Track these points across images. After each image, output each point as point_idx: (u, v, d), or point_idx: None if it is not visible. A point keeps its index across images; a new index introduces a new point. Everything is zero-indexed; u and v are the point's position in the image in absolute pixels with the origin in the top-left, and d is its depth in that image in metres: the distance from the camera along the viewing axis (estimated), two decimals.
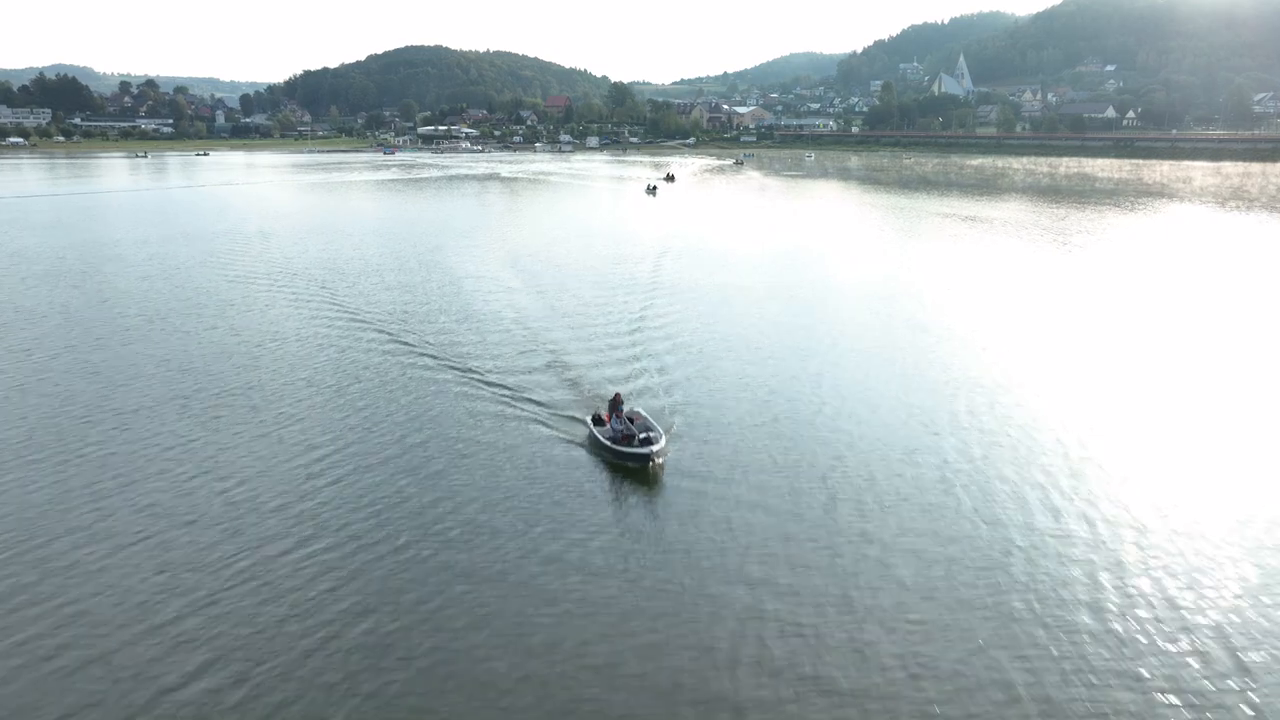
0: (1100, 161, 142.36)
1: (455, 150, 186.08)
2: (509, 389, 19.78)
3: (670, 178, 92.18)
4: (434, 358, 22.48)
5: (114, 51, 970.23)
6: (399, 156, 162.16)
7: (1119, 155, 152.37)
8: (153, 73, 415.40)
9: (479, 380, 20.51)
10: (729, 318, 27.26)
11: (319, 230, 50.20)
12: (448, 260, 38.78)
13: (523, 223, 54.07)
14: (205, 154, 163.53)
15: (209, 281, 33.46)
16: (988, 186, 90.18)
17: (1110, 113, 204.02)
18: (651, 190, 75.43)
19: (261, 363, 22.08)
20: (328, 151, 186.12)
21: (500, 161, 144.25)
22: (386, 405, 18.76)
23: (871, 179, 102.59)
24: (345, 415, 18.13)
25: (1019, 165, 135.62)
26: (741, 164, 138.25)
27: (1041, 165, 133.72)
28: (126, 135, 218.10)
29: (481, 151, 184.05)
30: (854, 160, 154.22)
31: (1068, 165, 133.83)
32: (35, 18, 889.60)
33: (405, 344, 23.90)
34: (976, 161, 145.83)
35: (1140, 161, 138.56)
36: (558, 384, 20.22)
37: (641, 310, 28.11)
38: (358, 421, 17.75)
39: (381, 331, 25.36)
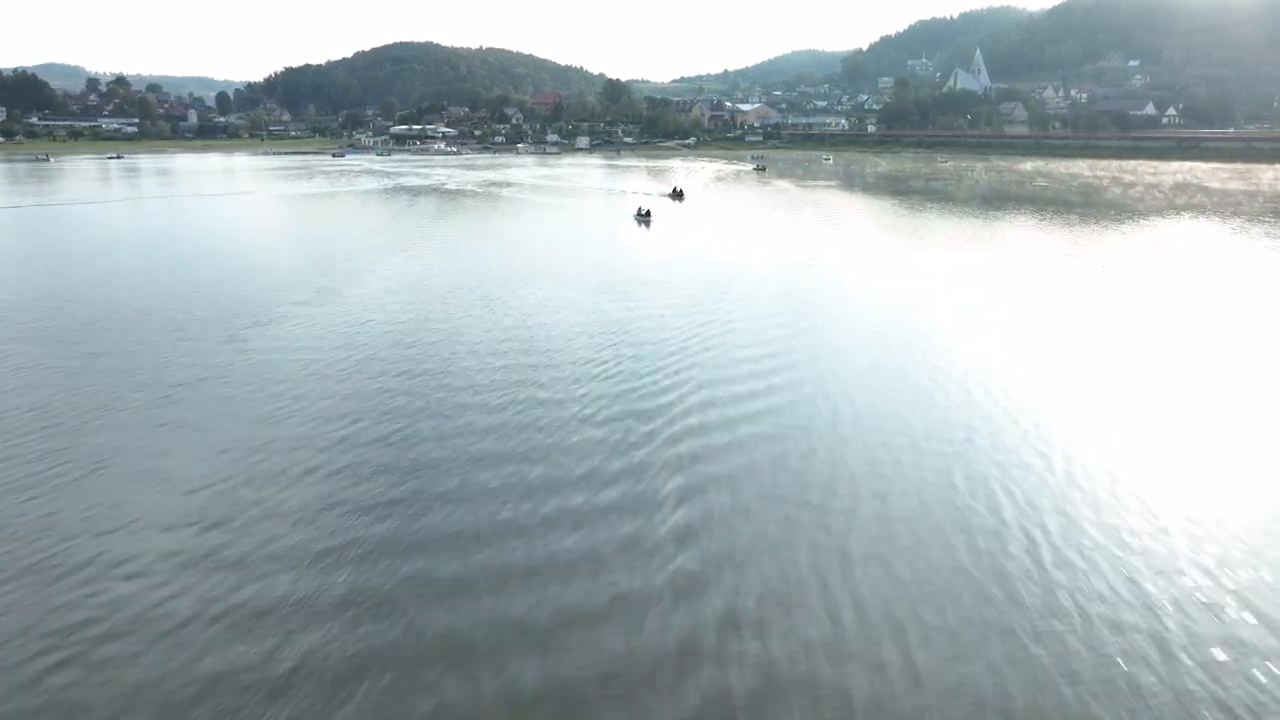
0: (1174, 165, 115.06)
1: (426, 152, 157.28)
2: None
3: (678, 194, 64.24)
4: None
5: (109, 51, 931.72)
6: (348, 159, 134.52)
7: (1183, 157, 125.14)
8: (146, 72, 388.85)
9: None
10: None
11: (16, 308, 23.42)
12: (151, 447, 12.11)
13: (405, 294, 27.38)
14: (119, 156, 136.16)
15: None
16: (1095, 204, 63.71)
17: (1150, 110, 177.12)
18: (643, 217, 48.13)
19: None
20: (281, 154, 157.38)
21: (466, 166, 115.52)
22: None
23: (932, 191, 75.72)
24: None
25: (1083, 168, 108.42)
26: (763, 170, 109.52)
27: (1112, 169, 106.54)
28: (77, 135, 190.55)
29: (456, 154, 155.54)
30: (883, 164, 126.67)
31: (1144, 170, 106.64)
32: (29, 16, 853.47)
33: None
34: (1028, 165, 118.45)
35: (1229, 165, 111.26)
36: None
37: None
38: None
39: None
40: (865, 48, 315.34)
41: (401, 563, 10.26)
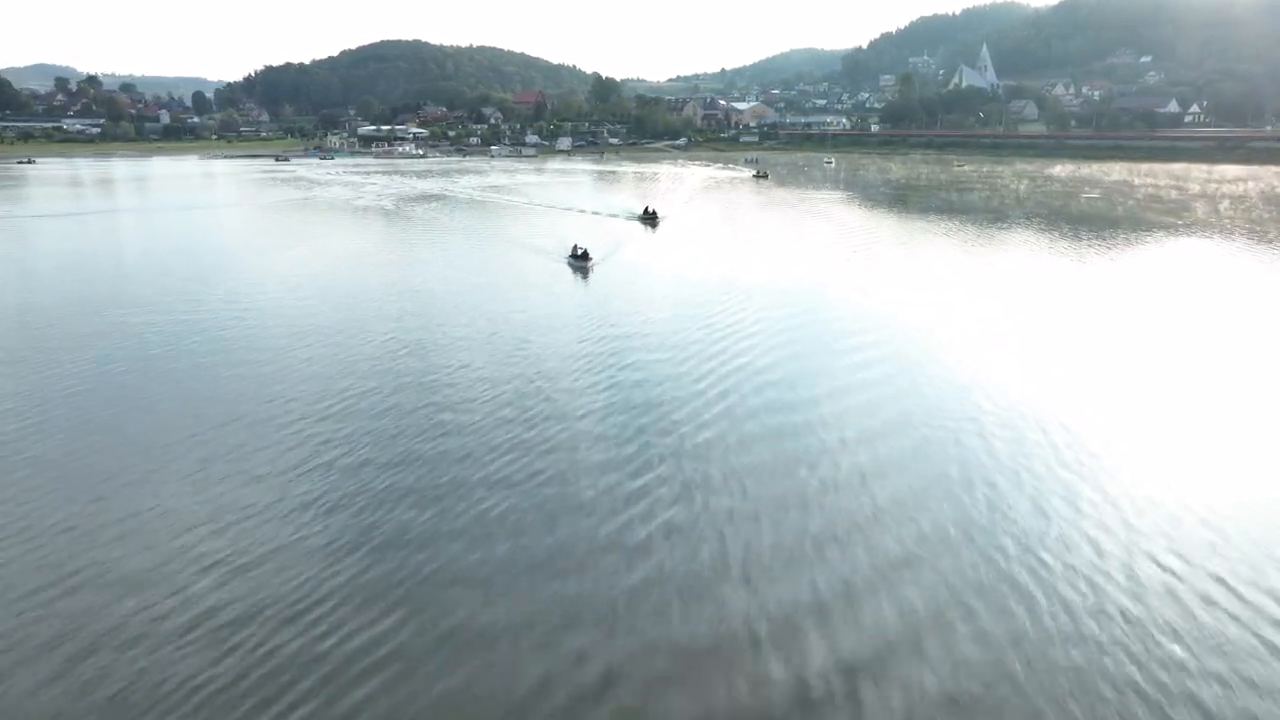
0: (1231, 169, 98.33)
1: (390, 155, 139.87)
2: None
3: (650, 215, 46.75)
4: None
5: (104, 51, 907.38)
6: (293, 163, 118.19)
7: (1228, 160, 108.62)
8: (139, 72, 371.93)
9: None
10: None
11: None
12: None
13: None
14: (30, 161, 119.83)
15: None
16: (1199, 225, 47.75)
17: (1173, 108, 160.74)
18: (580, 260, 31.61)
19: None
20: (228, 157, 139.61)
21: (419, 174, 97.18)
22: None
23: (970, 208, 59.33)
24: None
25: (1123, 173, 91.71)
26: (765, 176, 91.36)
27: (1159, 175, 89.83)
28: (27, 137, 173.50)
29: (422, 156, 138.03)
30: (893, 168, 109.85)
31: (1198, 175, 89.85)
32: (24, 17, 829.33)
33: None
34: (1059, 170, 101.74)
35: None
36: None
37: None
38: None
39: None
40: (866, 45, 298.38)
41: None
